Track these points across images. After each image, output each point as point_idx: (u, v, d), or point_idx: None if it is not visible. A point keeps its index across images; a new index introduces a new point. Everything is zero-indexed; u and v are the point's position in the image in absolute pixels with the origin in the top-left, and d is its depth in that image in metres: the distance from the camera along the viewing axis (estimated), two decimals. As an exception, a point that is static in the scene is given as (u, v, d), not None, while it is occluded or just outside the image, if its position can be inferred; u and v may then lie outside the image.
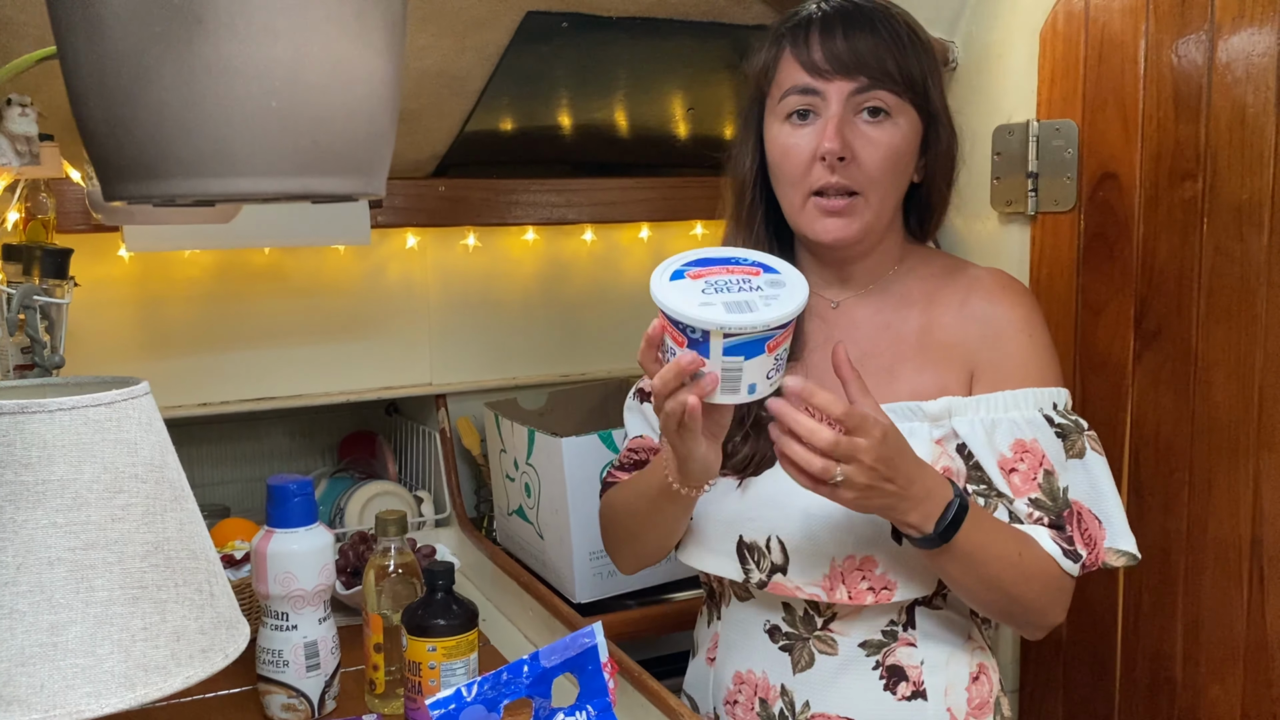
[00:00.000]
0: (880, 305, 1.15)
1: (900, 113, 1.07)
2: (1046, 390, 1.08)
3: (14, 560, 0.74)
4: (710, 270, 0.94)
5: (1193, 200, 1.18)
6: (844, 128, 1.04)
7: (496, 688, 0.77)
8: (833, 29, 1.05)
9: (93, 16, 0.55)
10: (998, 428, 1.07)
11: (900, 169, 1.08)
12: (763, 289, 0.92)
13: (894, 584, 1.07)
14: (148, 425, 0.82)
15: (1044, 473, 1.06)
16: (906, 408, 1.09)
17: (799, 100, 1.06)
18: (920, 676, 1.10)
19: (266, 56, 0.55)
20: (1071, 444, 1.08)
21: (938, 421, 1.09)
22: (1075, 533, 1.06)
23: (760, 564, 1.11)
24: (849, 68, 1.04)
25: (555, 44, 1.41)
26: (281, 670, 1.15)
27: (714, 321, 0.88)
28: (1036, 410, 1.07)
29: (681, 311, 0.89)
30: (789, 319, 0.90)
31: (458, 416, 1.95)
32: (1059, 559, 1.04)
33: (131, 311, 1.70)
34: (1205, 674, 1.22)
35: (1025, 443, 1.07)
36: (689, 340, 0.90)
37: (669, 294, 0.91)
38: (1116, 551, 1.07)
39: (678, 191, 1.94)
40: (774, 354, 0.92)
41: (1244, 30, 1.12)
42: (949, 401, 1.08)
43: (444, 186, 1.79)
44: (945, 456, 1.08)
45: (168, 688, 0.78)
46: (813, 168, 1.06)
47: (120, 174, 0.60)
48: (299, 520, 1.16)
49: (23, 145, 1.17)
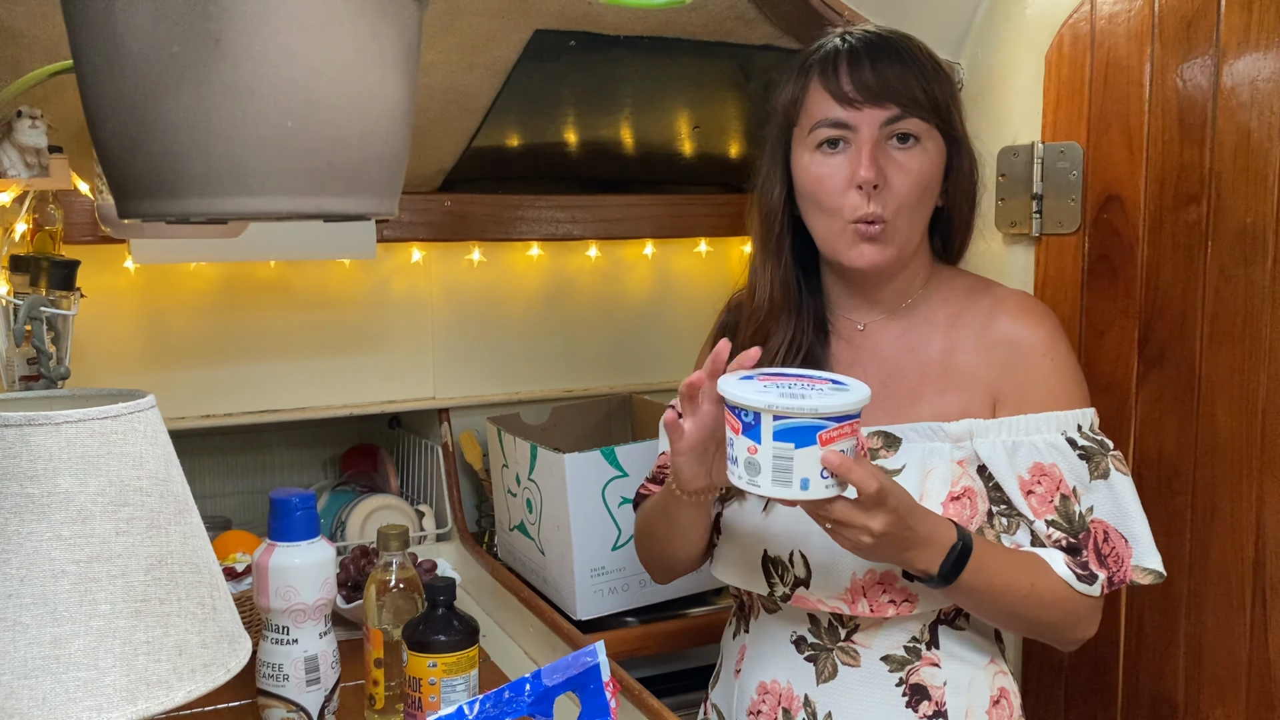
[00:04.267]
0: (906, 327, 1.17)
1: (928, 138, 1.09)
2: (1070, 413, 1.09)
3: (18, 572, 0.74)
4: (780, 377, 0.99)
5: (1197, 224, 1.19)
6: (877, 155, 1.06)
7: (499, 706, 0.76)
8: (860, 60, 1.07)
9: (111, 36, 0.56)
10: (1019, 450, 1.08)
11: (928, 194, 1.11)
12: (824, 390, 0.96)
13: (915, 596, 1.09)
14: (153, 439, 0.82)
15: (1060, 497, 1.07)
16: (929, 428, 1.10)
17: (830, 131, 1.08)
18: (943, 697, 1.11)
19: (283, 78, 0.56)
20: (1096, 465, 1.08)
21: (959, 443, 1.10)
22: (1092, 555, 1.07)
23: (784, 578, 1.13)
24: (879, 97, 1.06)
25: (563, 62, 1.42)
26: (282, 685, 1.15)
27: (764, 401, 0.91)
28: (1059, 433, 1.08)
29: (736, 394, 0.93)
30: (842, 410, 0.92)
31: (460, 431, 1.95)
32: (1073, 583, 1.06)
33: (136, 323, 1.71)
34: (1207, 697, 1.21)
35: (1044, 466, 1.08)
36: (743, 425, 0.94)
37: (729, 382, 0.96)
38: (1143, 569, 1.08)
39: (683, 209, 1.95)
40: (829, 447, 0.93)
41: (1249, 55, 1.13)
42: (971, 424, 1.10)
43: (450, 201, 1.80)
44: (966, 477, 1.09)
45: (169, 702, 0.78)
46: (847, 195, 1.08)
47: (135, 191, 0.60)
48: (301, 534, 1.16)
49: (32, 157, 1.18)
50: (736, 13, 1.34)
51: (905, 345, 1.16)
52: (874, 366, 1.16)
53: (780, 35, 1.42)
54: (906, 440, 1.11)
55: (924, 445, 1.10)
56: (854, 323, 1.19)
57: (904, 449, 1.11)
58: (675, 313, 2.10)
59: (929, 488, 1.08)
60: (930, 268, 1.19)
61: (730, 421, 0.96)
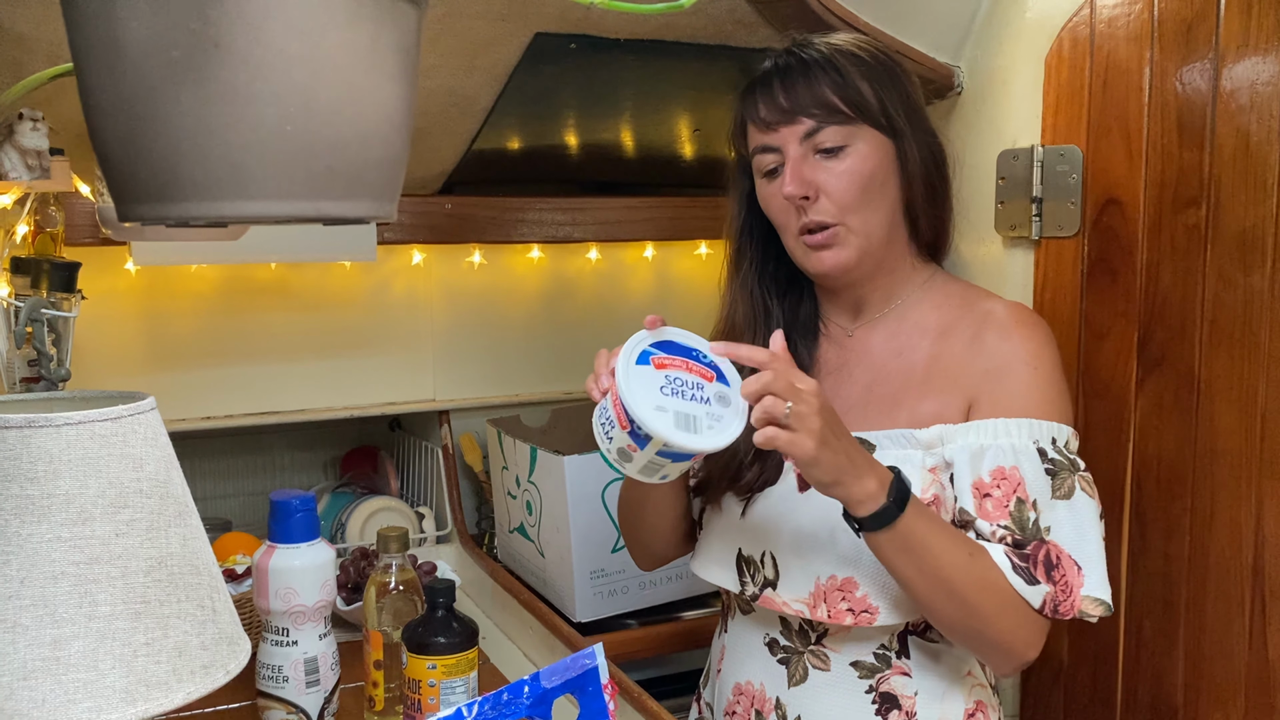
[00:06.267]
0: (895, 332, 1.17)
1: (857, 139, 1.09)
2: (1045, 423, 1.06)
3: (18, 574, 0.75)
4: (673, 362, 1.01)
5: (1196, 227, 1.19)
6: (803, 170, 1.09)
7: (497, 708, 0.77)
8: (770, 83, 1.12)
9: (111, 40, 0.56)
10: (985, 453, 1.06)
11: (873, 191, 1.10)
12: (710, 403, 0.99)
13: (876, 609, 1.07)
14: (153, 441, 0.83)
15: (1016, 501, 1.04)
16: (903, 435, 1.09)
17: (765, 158, 1.13)
18: (914, 707, 1.10)
19: (283, 82, 0.56)
20: (1061, 483, 1.05)
21: (931, 450, 1.08)
22: (1039, 566, 1.02)
23: (755, 578, 1.14)
24: (791, 114, 1.10)
25: (563, 65, 1.42)
26: (281, 686, 1.15)
27: (659, 434, 0.95)
28: (1029, 440, 1.05)
29: (636, 411, 0.95)
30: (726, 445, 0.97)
31: (460, 433, 1.95)
32: (1008, 573, 1.01)
33: (137, 324, 1.71)
34: (1207, 702, 1.21)
35: (1005, 469, 1.05)
36: (631, 428, 0.96)
37: (631, 384, 0.97)
38: (1093, 600, 1.03)
39: (682, 211, 1.95)
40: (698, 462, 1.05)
41: (1248, 59, 1.13)
42: (941, 429, 1.08)
43: (450, 204, 1.80)
44: (936, 485, 1.08)
45: (169, 703, 0.78)
46: (789, 212, 1.12)
47: (135, 195, 0.60)
48: (301, 535, 1.16)
49: (33, 159, 1.18)
50: (736, 16, 1.35)
51: (893, 350, 1.16)
52: (860, 370, 1.16)
53: (780, 38, 1.42)
54: (881, 447, 1.11)
55: (896, 453, 1.09)
56: (844, 329, 1.20)
57: (877, 456, 1.09)
58: (676, 315, 2.08)
59: None
60: (918, 269, 1.19)
61: (617, 409, 0.97)
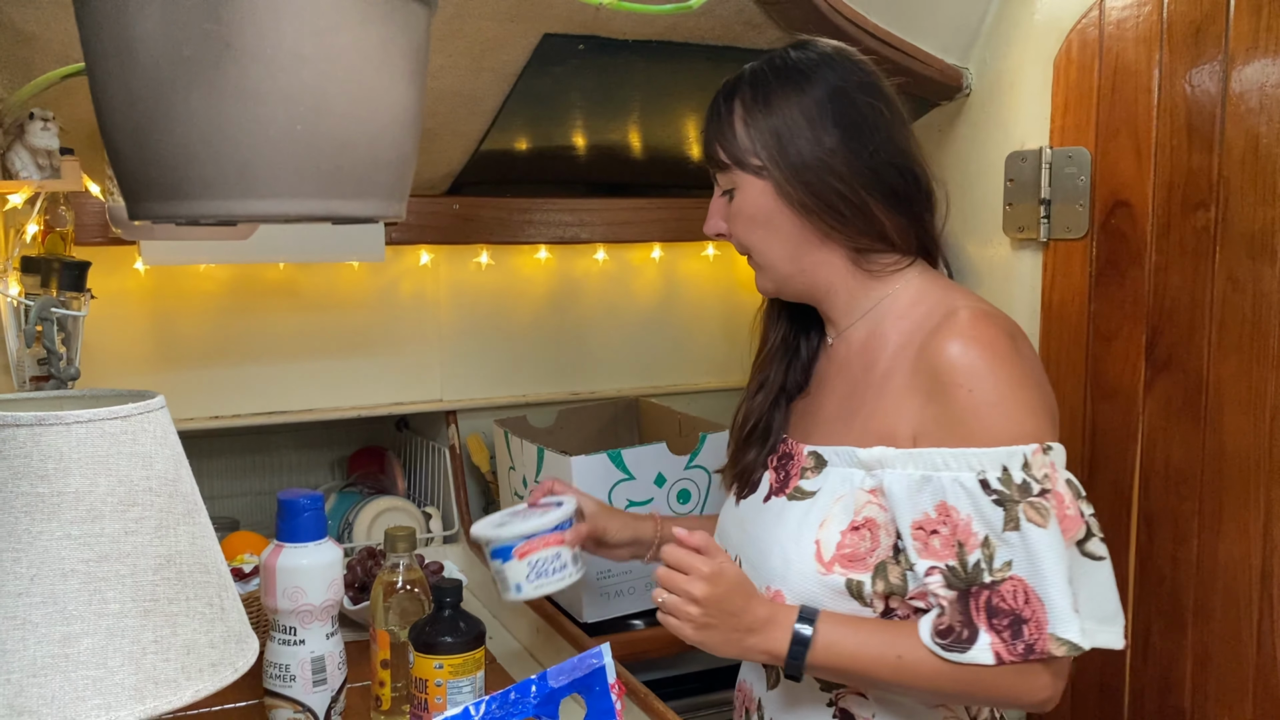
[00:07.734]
0: (864, 344, 1.12)
1: (739, 183, 1.12)
2: (990, 451, 0.98)
3: (28, 571, 0.75)
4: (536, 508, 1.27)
5: (1205, 229, 1.19)
6: (717, 208, 1.16)
7: (504, 707, 0.77)
8: None
9: (124, 40, 0.56)
10: (926, 485, 1.00)
11: (764, 225, 1.11)
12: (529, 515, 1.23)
13: None
14: (162, 439, 0.83)
15: (958, 544, 0.98)
16: (848, 453, 1.06)
17: None
18: None
19: (293, 82, 0.56)
20: (1010, 514, 0.97)
21: (871, 471, 1.04)
22: (979, 613, 0.97)
23: None
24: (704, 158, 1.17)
25: (571, 66, 1.42)
26: (288, 685, 1.15)
27: (478, 534, 1.23)
28: (971, 472, 0.98)
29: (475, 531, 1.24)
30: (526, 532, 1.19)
31: (468, 433, 1.95)
32: (938, 653, 0.97)
33: (146, 324, 1.71)
34: (1215, 704, 1.21)
35: (948, 505, 0.99)
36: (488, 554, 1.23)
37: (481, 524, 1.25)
38: (1058, 640, 0.95)
39: (690, 212, 1.95)
40: (526, 560, 1.19)
41: (1258, 60, 1.13)
42: (882, 452, 1.03)
43: (458, 204, 1.80)
44: (873, 507, 1.03)
45: (177, 701, 0.79)
46: None
47: (146, 193, 0.60)
48: (308, 535, 1.16)
49: (44, 159, 1.19)
50: (744, 18, 1.35)
51: (864, 363, 1.12)
52: (840, 381, 1.14)
53: (786, 39, 1.42)
54: (830, 464, 1.08)
55: (841, 470, 1.06)
56: (828, 340, 1.18)
57: (825, 472, 1.08)
58: (682, 316, 2.10)
59: (833, 514, 1.04)
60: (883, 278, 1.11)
61: None
